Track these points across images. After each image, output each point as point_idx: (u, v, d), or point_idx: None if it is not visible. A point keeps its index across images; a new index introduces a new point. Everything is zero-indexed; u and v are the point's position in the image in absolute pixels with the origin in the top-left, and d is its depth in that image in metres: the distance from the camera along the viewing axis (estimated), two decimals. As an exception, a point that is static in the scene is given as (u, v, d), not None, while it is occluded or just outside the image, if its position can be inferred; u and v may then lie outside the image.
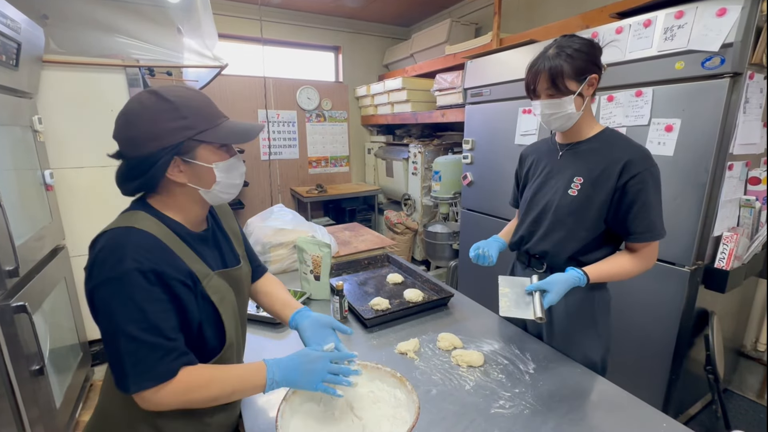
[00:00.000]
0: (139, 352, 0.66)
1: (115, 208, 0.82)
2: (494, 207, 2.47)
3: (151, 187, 0.75)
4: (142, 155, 0.69)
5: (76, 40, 2.08)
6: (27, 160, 1.70)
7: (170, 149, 0.70)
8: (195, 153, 0.73)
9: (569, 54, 0.99)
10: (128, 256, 0.66)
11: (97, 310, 0.67)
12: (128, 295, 0.65)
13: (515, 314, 1.02)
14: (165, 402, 0.69)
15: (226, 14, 3.57)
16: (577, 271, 1.03)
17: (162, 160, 0.69)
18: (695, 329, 1.63)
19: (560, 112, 1.04)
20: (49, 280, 1.75)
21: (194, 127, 0.71)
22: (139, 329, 0.65)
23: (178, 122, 0.69)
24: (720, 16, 1.35)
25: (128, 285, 0.65)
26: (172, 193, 0.76)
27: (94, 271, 0.67)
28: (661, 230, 1.03)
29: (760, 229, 1.61)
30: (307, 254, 1.53)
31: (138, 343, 0.65)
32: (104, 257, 0.67)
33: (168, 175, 0.72)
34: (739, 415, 1.92)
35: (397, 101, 3.72)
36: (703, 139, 1.44)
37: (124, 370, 0.66)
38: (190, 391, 0.70)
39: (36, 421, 1.43)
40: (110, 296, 0.66)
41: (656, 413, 0.91)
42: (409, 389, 0.86)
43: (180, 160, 0.72)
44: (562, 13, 2.72)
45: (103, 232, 0.71)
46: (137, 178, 0.72)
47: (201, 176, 0.75)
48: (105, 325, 0.67)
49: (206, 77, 2.87)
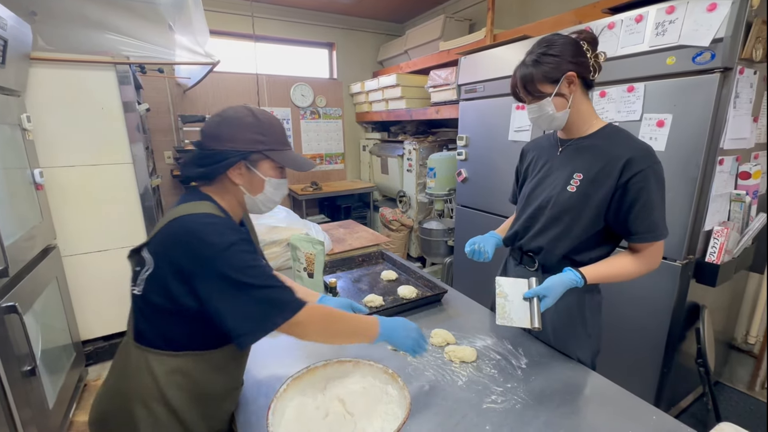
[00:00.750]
0: (274, 296, 0.78)
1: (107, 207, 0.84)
2: (489, 203, 2.47)
3: (209, 178, 0.86)
4: (218, 150, 0.82)
5: (65, 37, 2.06)
6: (16, 158, 1.68)
7: (241, 153, 0.83)
8: (258, 164, 0.86)
9: (536, 60, 1.01)
10: (226, 231, 0.77)
11: (220, 278, 0.74)
12: (244, 258, 0.76)
13: (512, 323, 1.00)
14: (309, 324, 0.81)
15: (218, 10, 3.54)
16: (574, 272, 1.01)
17: (231, 159, 0.82)
18: (686, 323, 1.65)
19: (543, 114, 1.05)
20: (40, 280, 1.73)
21: (267, 144, 0.85)
22: (263, 281, 0.77)
23: (256, 136, 0.84)
24: (710, 11, 1.35)
25: (239, 251, 0.76)
26: (224, 188, 0.88)
27: (199, 248, 0.74)
28: (663, 230, 1.00)
29: (750, 223, 1.63)
30: (300, 252, 1.52)
31: (269, 289, 0.77)
32: (206, 235, 0.75)
33: (228, 173, 0.85)
34: (730, 407, 1.95)
35: (391, 98, 3.71)
36: (694, 134, 1.45)
37: (267, 313, 0.77)
38: (330, 318, 0.86)
39: (29, 422, 1.42)
40: (230, 262, 0.74)
41: (646, 406, 0.92)
42: (400, 385, 0.86)
43: (244, 165, 0.85)
44: (555, 8, 2.72)
45: (182, 215, 0.78)
46: (204, 166, 0.83)
47: (253, 184, 0.88)
48: (233, 287, 0.74)
49: (198, 74, 2.84)
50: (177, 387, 0.81)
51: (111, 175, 2.16)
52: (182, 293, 0.76)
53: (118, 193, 2.19)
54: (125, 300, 0.88)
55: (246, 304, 0.75)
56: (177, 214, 0.79)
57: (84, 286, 2.19)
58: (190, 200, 0.84)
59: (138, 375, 0.81)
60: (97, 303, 2.24)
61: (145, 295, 0.81)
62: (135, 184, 2.23)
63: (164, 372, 0.80)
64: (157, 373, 0.80)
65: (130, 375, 0.82)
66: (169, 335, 0.81)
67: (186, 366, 0.82)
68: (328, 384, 0.93)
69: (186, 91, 3.46)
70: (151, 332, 0.82)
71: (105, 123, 2.11)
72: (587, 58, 1.01)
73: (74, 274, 2.14)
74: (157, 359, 0.81)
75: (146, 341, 0.82)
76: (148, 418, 0.81)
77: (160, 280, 0.78)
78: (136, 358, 0.82)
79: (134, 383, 0.81)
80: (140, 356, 0.81)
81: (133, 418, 0.81)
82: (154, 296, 0.79)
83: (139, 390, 0.81)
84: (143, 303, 0.82)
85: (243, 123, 0.83)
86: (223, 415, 0.91)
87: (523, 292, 1.02)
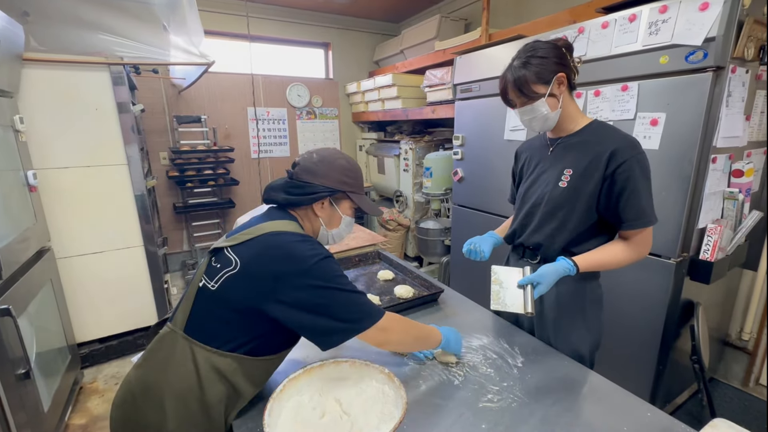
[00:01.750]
0: (363, 301, 0.87)
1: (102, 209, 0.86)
2: (485, 202, 2.48)
3: (296, 205, 0.96)
4: (309, 182, 0.94)
5: (58, 38, 2.04)
6: (8, 160, 1.67)
7: (329, 191, 0.95)
8: (340, 202, 0.99)
9: (528, 62, 1.04)
10: (318, 247, 0.87)
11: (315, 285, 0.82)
12: (335, 269, 0.86)
13: (505, 308, 1.05)
14: (392, 330, 0.90)
15: (212, 10, 3.52)
16: (566, 260, 1.05)
17: (319, 193, 0.94)
18: (681, 320, 1.66)
19: (537, 115, 1.08)
20: (34, 282, 1.72)
21: (351, 187, 0.98)
22: (353, 288, 0.86)
23: (345, 178, 0.97)
24: (702, 10, 1.36)
25: (332, 262, 0.86)
26: (306, 216, 0.99)
27: (295, 260, 0.83)
28: (651, 216, 1.05)
29: (743, 220, 1.64)
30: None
31: (359, 294, 0.87)
32: (301, 248, 0.85)
33: (314, 205, 0.96)
34: (725, 403, 1.96)
35: (387, 98, 3.71)
36: (687, 133, 1.46)
37: (360, 315, 0.86)
38: (407, 325, 0.96)
39: (23, 425, 1.41)
40: (324, 272, 0.83)
41: (641, 403, 0.93)
42: (397, 385, 0.86)
43: (328, 201, 0.97)
44: (549, 8, 2.73)
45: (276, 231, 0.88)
46: (293, 195, 0.94)
47: (331, 219, 1.00)
48: (326, 292, 0.83)
49: (193, 75, 2.83)
50: (216, 386, 0.84)
51: (105, 177, 2.15)
52: (264, 299, 0.82)
53: (112, 195, 2.18)
54: (121, 302, 0.88)
55: (337, 306, 0.83)
56: (271, 229, 0.88)
57: (79, 288, 2.17)
58: (280, 218, 0.93)
59: (180, 367, 0.83)
60: (92, 305, 2.22)
61: (220, 292, 0.84)
62: (130, 185, 2.22)
63: (208, 368, 0.83)
64: (201, 368, 0.82)
65: (171, 366, 0.84)
66: (224, 334, 0.84)
67: (229, 367, 0.84)
68: (325, 384, 0.93)
69: (181, 91, 3.44)
70: (207, 327, 0.84)
71: (99, 124, 2.09)
72: (569, 61, 1.07)
73: (69, 276, 2.13)
74: (204, 354, 0.83)
75: (199, 335, 0.84)
76: (181, 411, 0.82)
77: (244, 282, 0.83)
78: (181, 349, 0.84)
79: (173, 375, 0.83)
80: (187, 348, 0.83)
81: (163, 408, 0.81)
82: (230, 295, 0.84)
83: (177, 382, 0.83)
84: (214, 299, 0.84)
85: (337, 165, 0.96)
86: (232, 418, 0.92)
87: (518, 280, 1.06)
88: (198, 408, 0.83)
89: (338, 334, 0.83)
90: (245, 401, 0.91)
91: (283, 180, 0.98)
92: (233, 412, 0.90)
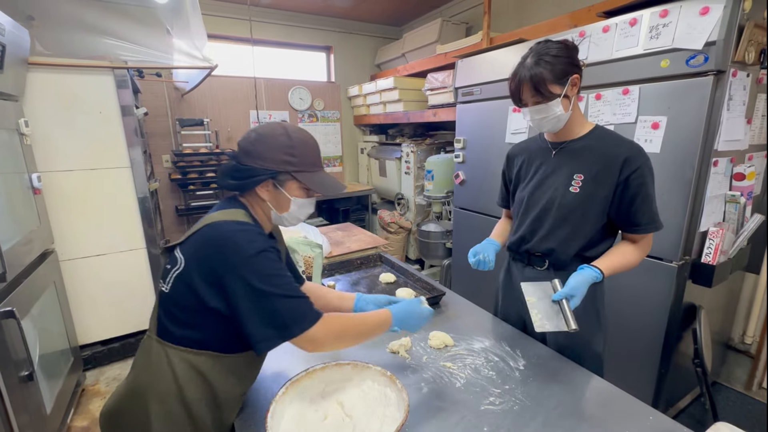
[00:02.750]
0: (293, 306, 0.80)
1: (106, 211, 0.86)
2: (486, 205, 2.48)
3: (241, 190, 0.90)
4: (249, 166, 0.85)
5: (63, 42, 2.06)
6: (13, 163, 1.68)
7: (270, 173, 0.86)
8: (285, 184, 0.89)
9: (547, 60, 1.02)
10: (258, 238, 0.81)
11: (244, 284, 0.77)
12: (270, 266, 0.79)
13: (550, 328, 0.99)
14: (324, 339, 0.83)
15: (215, 14, 3.55)
16: (592, 269, 1.04)
17: (260, 176, 0.86)
18: (683, 323, 1.66)
19: (549, 115, 1.06)
20: (38, 284, 1.73)
21: (296, 166, 0.87)
22: (285, 290, 0.80)
23: (286, 157, 0.86)
24: (703, 14, 1.37)
25: (267, 259, 0.79)
26: (255, 201, 0.92)
27: (229, 253, 0.78)
28: (660, 221, 1.08)
29: (745, 224, 1.64)
30: (298, 255, 1.53)
31: (289, 299, 0.80)
32: (237, 241, 0.79)
33: (257, 189, 0.88)
34: (727, 407, 1.95)
35: (389, 101, 3.72)
36: (688, 136, 1.46)
37: (285, 323, 0.79)
38: (342, 328, 0.87)
39: (26, 427, 1.41)
40: (258, 268, 0.78)
41: (643, 406, 0.93)
42: (399, 387, 0.86)
43: (272, 183, 0.88)
44: (550, 12, 2.74)
45: (218, 221, 0.82)
46: (236, 179, 0.87)
47: (280, 202, 0.91)
48: (257, 293, 0.77)
49: (196, 78, 2.85)
50: (194, 384, 0.83)
51: (109, 180, 2.16)
52: (210, 295, 0.79)
53: (116, 197, 2.19)
54: (123, 304, 0.89)
55: (266, 311, 0.78)
56: (212, 220, 0.83)
57: (82, 291, 2.18)
58: (226, 207, 0.88)
59: (157, 370, 0.83)
60: (95, 307, 2.23)
61: (173, 292, 0.83)
62: (133, 188, 2.23)
63: (183, 368, 0.82)
64: (177, 369, 0.82)
65: (150, 370, 0.84)
66: (192, 333, 0.83)
67: (204, 365, 0.83)
68: (327, 387, 0.93)
69: (184, 95, 3.46)
70: (174, 329, 0.84)
71: (103, 127, 2.11)
72: (580, 65, 1.06)
73: (72, 279, 2.14)
74: (178, 355, 0.83)
75: (169, 337, 0.84)
76: (162, 413, 0.82)
77: (189, 280, 0.80)
78: (156, 353, 0.84)
79: (153, 378, 0.83)
80: (161, 351, 0.83)
81: (146, 413, 0.82)
82: (180, 295, 0.82)
83: (156, 385, 0.83)
84: (169, 300, 0.84)
85: (276, 142, 0.86)
86: (230, 417, 0.92)
87: (550, 295, 1.03)
88: (180, 408, 0.83)
89: (264, 342, 0.78)
90: (233, 400, 0.90)
91: (230, 163, 0.90)
92: (223, 412, 0.89)
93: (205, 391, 0.85)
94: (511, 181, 1.33)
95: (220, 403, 0.87)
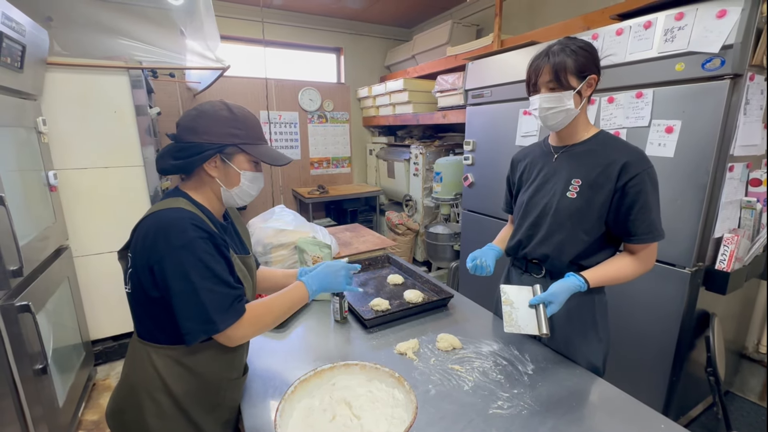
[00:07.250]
0: (218, 300, 0.79)
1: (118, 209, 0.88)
2: (495, 208, 2.47)
3: (186, 171, 0.88)
4: (194, 142, 0.84)
5: (80, 43, 2.10)
6: (31, 161, 1.72)
7: (217, 147, 0.84)
8: (233, 158, 0.88)
9: (573, 50, 1.01)
10: (189, 227, 0.78)
11: (171, 274, 0.77)
12: (198, 258, 0.78)
13: (519, 330, 1.01)
14: (243, 333, 0.83)
15: (229, 16, 3.59)
16: (576, 277, 1.03)
17: (207, 152, 0.84)
18: (696, 331, 1.63)
19: (559, 107, 1.04)
20: (52, 279, 1.77)
21: (241, 138, 0.87)
22: (213, 283, 0.79)
23: (232, 130, 0.86)
24: (720, 17, 1.35)
25: (197, 250, 0.78)
26: (201, 181, 0.90)
27: (160, 243, 0.77)
28: (660, 232, 1.03)
29: (761, 230, 1.61)
30: (307, 255, 1.54)
31: (215, 293, 0.79)
32: (167, 230, 0.78)
33: (204, 166, 0.86)
34: (741, 417, 1.91)
35: (398, 102, 3.73)
36: (703, 141, 1.44)
37: (209, 317, 0.78)
38: (259, 318, 0.86)
39: (39, 419, 1.44)
40: (184, 260, 0.77)
41: (654, 414, 0.91)
42: (407, 389, 0.86)
43: (219, 158, 0.87)
44: (563, 14, 2.72)
45: (154, 212, 0.81)
46: (180, 159, 0.84)
47: (229, 177, 0.90)
48: (182, 285, 0.77)
49: (209, 79, 2.88)
50: (178, 377, 0.85)
51: (122, 177, 2.20)
52: (151, 287, 0.80)
53: (129, 195, 2.23)
54: (134, 301, 0.90)
55: (189, 303, 0.78)
56: (150, 212, 0.83)
57: (94, 287, 2.22)
58: (167, 198, 0.87)
59: (143, 368, 0.85)
60: (106, 303, 2.27)
61: (133, 292, 0.84)
62: (145, 186, 2.27)
63: (164, 364, 0.85)
64: (158, 365, 0.84)
65: (137, 368, 0.86)
66: (160, 329, 0.84)
67: (182, 358, 0.85)
68: (335, 386, 0.93)
69: (196, 95, 3.50)
70: (146, 327, 0.86)
71: (117, 126, 2.15)
72: (600, 66, 1.05)
73: (85, 275, 2.18)
74: (156, 352, 0.84)
75: (145, 336, 0.86)
76: (154, 408, 0.84)
77: (137, 276, 0.81)
78: (139, 352, 0.86)
79: (140, 376, 0.85)
80: (142, 350, 0.85)
81: (141, 409, 0.84)
82: (138, 292, 0.83)
83: (144, 382, 0.85)
84: (133, 300, 0.85)
85: (219, 117, 0.85)
86: (229, 403, 0.93)
87: (529, 300, 1.03)
88: (169, 403, 0.85)
89: (189, 335, 0.78)
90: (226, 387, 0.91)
91: (170, 145, 0.87)
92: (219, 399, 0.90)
93: (191, 382, 0.86)
94: (515, 186, 1.32)
95: (210, 391, 0.89)
